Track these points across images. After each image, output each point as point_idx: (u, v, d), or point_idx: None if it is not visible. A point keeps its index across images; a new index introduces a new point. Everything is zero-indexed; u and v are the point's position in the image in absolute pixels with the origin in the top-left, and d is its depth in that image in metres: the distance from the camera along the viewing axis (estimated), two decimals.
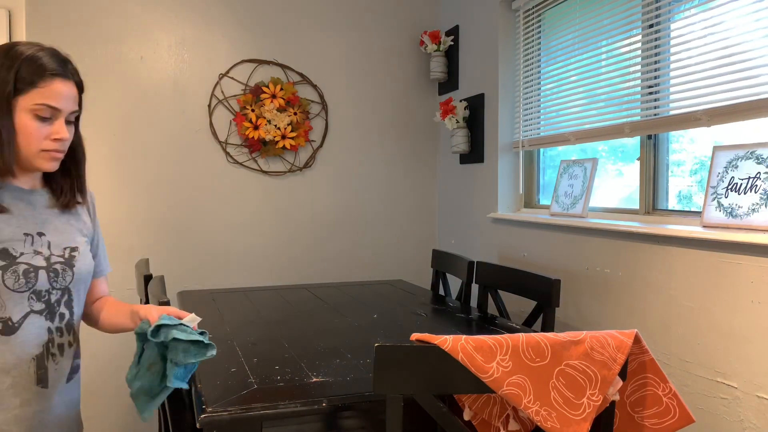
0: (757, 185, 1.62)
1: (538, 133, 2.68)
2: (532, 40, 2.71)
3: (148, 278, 2.12)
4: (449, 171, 3.37)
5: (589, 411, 1.11)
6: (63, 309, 1.30)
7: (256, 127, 3.11)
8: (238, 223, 3.16)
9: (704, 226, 1.76)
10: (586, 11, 2.37)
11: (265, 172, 3.19)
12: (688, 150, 2.06)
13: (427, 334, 1.12)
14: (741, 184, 1.67)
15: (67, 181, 1.39)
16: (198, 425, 1.21)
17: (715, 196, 1.74)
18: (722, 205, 1.71)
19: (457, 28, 3.23)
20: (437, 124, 3.48)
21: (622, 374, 1.16)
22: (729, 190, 1.70)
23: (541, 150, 2.82)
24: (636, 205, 2.19)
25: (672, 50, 1.98)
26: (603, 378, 1.12)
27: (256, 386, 1.36)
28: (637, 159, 2.17)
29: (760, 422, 1.59)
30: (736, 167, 1.70)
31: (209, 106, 3.09)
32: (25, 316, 1.24)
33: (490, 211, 2.91)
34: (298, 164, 3.25)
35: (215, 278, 3.11)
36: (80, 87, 1.32)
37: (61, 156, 1.31)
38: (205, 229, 3.11)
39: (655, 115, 2.03)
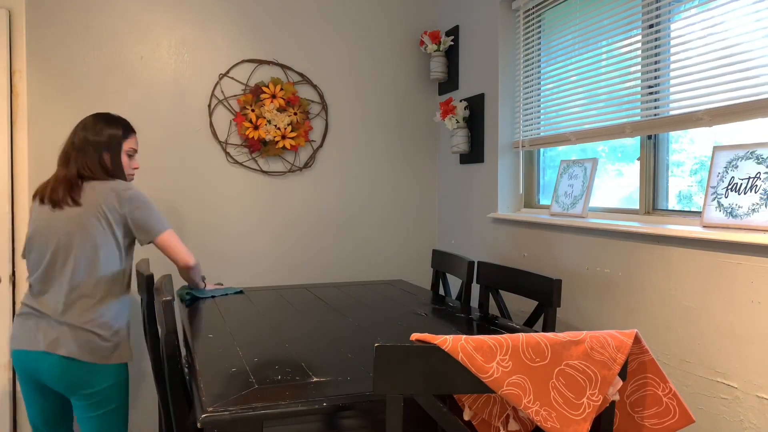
0: (757, 185, 1.63)
1: (538, 133, 2.68)
2: (532, 40, 2.71)
3: (149, 278, 2.12)
4: (449, 171, 3.37)
5: (589, 411, 1.11)
6: None
7: (256, 127, 3.11)
8: (238, 223, 3.16)
9: (704, 226, 1.76)
10: (586, 11, 2.37)
11: (265, 172, 3.19)
12: (688, 150, 2.06)
13: (427, 334, 1.12)
14: (741, 184, 1.67)
15: None
16: (198, 425, 1.21)
17: (715, 196, 1.75)
18: (722, 205, 1.71)
19: (457, 28, 3.23)
20: (437, 124, 3.48)
21: (622, 374, 1.16)
22: (729, 190, 1.71)
23: (541, 150, 2.82)
24: (636, 205, 2.19)
25: (672, 50, 1.98)
26: (603, 378, 1.12)
27: (256, 386, 1.36)
28: (637, 159, 2.17)
29: (760, 422, 1.59)
30: (736, 167, 1.70)
31: (209, 106, 3.09)
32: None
33: (490, 211, 2.91)
34: (298, 164, 3.25)
35: (215, 278, 3.11)
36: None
37: None
38: (205, 229, 3.11)
39: (656, 115, 2.03)
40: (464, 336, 1.11)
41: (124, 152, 2.17)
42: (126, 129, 2.19)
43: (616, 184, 2.37)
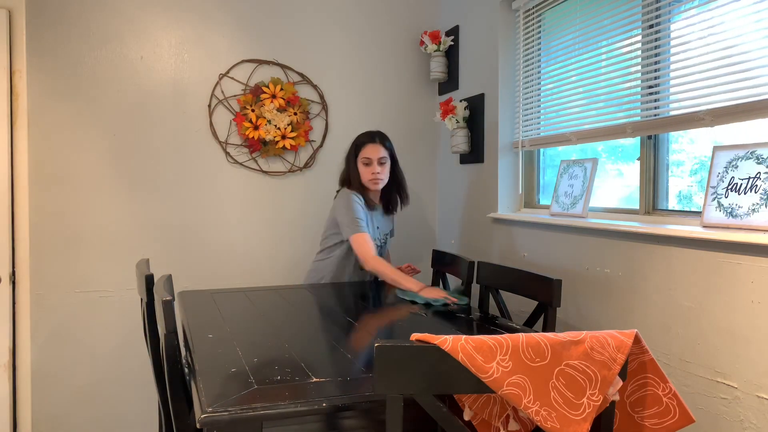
0: (757, 185, 1.62)
1: (538, 133, 2.68)
2: (532, 40, 2.71)
3: (149, 278, 2.12)
4: (449, 171, 3.37)
5: (589, 411, 1.11)
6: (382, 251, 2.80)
7: (256, 127, 3.11)
8: (238, 223, 3.16)
9: (704, 226, 1.76)
10: (586, 11, 2.37)
11: (265, 172, 3.19)
12: (687, 150, 2.06)
13: (427, 334, 1.12)
14: (741, 184, 1.67)
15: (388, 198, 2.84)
16: (198, 425, 1.21)
17: (715, 196, 1.75)
18: (722, 205, 1.71)
19: (457, 28, 3.23)
20: (437, 124, 3.48)
21: (622, 374, 1.16)
22: (729, 190, 1.70)
23: (541, 150, 2.82)
24: (636, 205, 2.19)
25: (672, 50, 1.98)
26: (603, 378, 1.12)
27: (256, 386, 1.36)
28: (637, 159, 2.17)
29: (760, 422, 1.59)
30: (736, 167, 1.70)
31: (209, 106, 3.09)
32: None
33: (490, 211, 2.91)
34: (298, 164, 3.25)
35: (215, 278, 3.11)
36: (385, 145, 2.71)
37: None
38: (205, 229, 3.11)
39: (656, 115, 2.03)
40: (464, 336, 1.11)
41: (360, 161, 2.67)
42: (359, 140, 2.70)
43: (616, 184, 2.37)
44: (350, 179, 2.69)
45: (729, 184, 1.71)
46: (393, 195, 2.79)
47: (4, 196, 2.77)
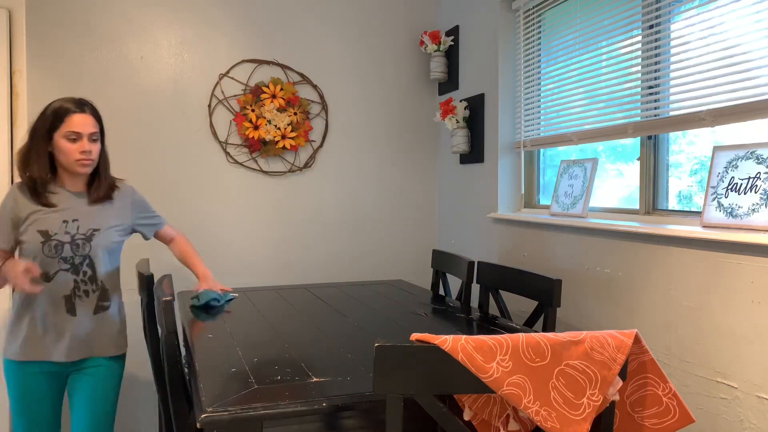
0: (757, 185, 1.63)
1: (538, 133, 2.68)
2: (532, 40, 2.71)
3: (149, 278, 2.12)
4: (449, 171, 3.37)
5: (589, 411, 1.11)
6: (86, 268, 2.01)
7: (256, 127, 3.11)
8: (238, 223, 3.16)
9: (704, 226, 1.76)
10: (586, 11, 2.37)
11: (265, 172, 3.19)
12: (688, 150, 2.06)
13: (427, 334, 1.12)
14: (741, 184, 1.67)
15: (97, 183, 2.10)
16: (198, 425, 1.21)
17: (715, 196, 1.75)
18: (722, 205, 1.71)
19: (457, 28, 3.23)
20: (437, 124, 3.48)
21: (622, 374, 1.16)
22: (729, 190, 1.71)
23: (541, 150, 2.82)
24: (636, 205, 2.19)
25: (672, 50, 1.98)
26: (603, 378, 1.12)
27: (256, 386, 1.36)
28: (637, 159, 2.17)
29: (760, 422, 1.59)
30: (736, 167, 1.70)
31: (209, 106, 3.09)
32: (56, 272, 1.97)
33: (490, 211, 2.91)
34: (298, 164, 3.25)
35: (215, 278, 3.10)
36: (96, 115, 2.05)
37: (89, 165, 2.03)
38: (205, 230, 3.11)
39: (656, 115, 2.03)
40: (464, 336, 1.11)
41: (63, 136, 1.96)
42: (61, 109, 1.99)
43: (616, 184, 2.37)
44: (31, 161, 1.97)
45: (729, 184, 1.71)
46: (100, 179, 2.09)
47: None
